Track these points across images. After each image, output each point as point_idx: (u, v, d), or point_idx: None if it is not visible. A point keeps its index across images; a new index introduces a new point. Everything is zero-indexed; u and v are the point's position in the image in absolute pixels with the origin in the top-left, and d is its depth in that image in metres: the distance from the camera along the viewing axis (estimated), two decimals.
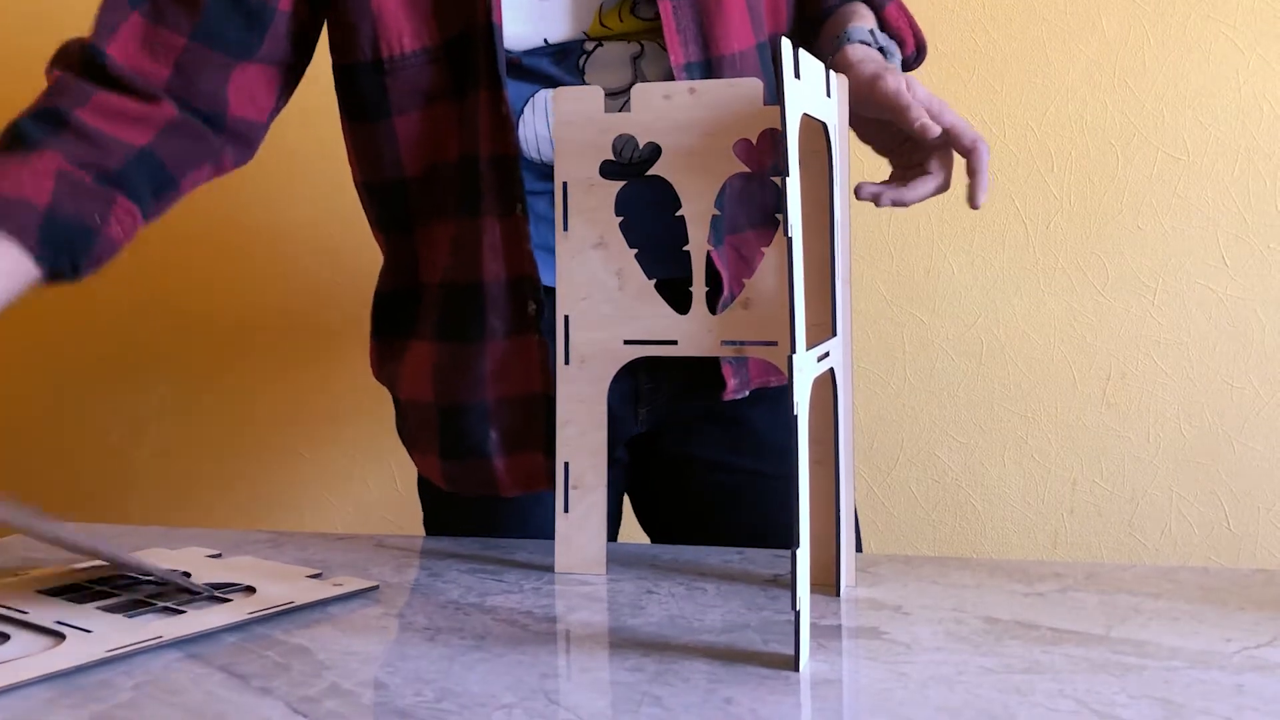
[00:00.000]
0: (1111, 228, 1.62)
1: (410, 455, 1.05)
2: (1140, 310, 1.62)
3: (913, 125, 0.86)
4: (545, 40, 0.91)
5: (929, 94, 0.88)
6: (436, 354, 0.95)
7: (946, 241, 1.65)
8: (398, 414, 1.05)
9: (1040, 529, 1.67)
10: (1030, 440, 1.66)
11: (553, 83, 0.92)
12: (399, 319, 0.99)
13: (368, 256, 1.06)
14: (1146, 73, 1.60)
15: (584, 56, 0.92)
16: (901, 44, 0.99)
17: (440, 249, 0.94)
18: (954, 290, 1.66)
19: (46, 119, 0.87)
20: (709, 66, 0.92)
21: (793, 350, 0.64)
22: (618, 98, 0.91)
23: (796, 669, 0.64)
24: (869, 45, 0.93)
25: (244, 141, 0.96)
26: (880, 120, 0.89)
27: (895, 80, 0.87)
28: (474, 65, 0.90)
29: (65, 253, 0.85)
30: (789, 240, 0.64)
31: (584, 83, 0.92)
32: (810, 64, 0.71)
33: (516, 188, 0.90)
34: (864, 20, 0.97)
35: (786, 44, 0.65)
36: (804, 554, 0.64)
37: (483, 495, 0.98)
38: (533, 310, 0.92)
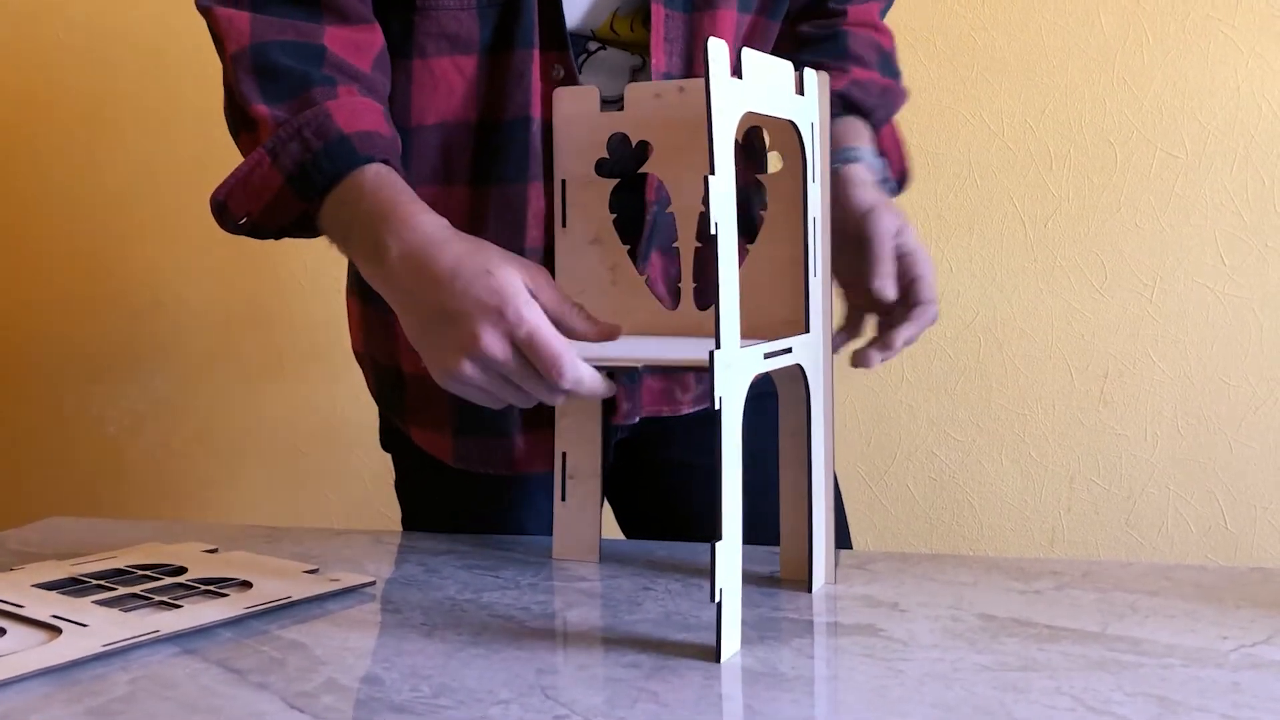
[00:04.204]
0: (1110, 226, 1.62)
1: (404, 429, 1.01)
2: (1138, 308, 1.62)
3: (872, 279, 0.84)
4: None
5: (916, 244, 0.86)
6: None
7: (945, 239, 1.65)
8: (388, 386, 1.00)
9: (1037, 527, 1.67)
10: (1028, 438, 1.66)
11: None
12: None
13: None
14: (1145, 71, 1.60)
15: (585, 56, 0.92)
16: (887, 168, 0.96)
17: (452, 215, 0.88)
18: (952, 288, 1.66)
19: (308, 57, 0.83)
20: None
21: (717, 345, 0.64)
22: (609, 106, 0.91)
23: (717, 660, 0.64)
24: (873, 171, 0.90)
25: None
26: (852, 247, 0.87)
27: (888, 222, 0.85)
28: (519, 24, 0.87)
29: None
30: (714, 238, 0.63)
31: (579, 83, 0.92)
32: (770, 64, 0.71)
33: None
34: (865, 141, 0.93)
35: (717, 44, 0.63)
36: (726, 548, 0.64)
37: (495, 474, 0.97)
38: None
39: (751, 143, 0.96)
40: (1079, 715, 0.56)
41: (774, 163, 0.84)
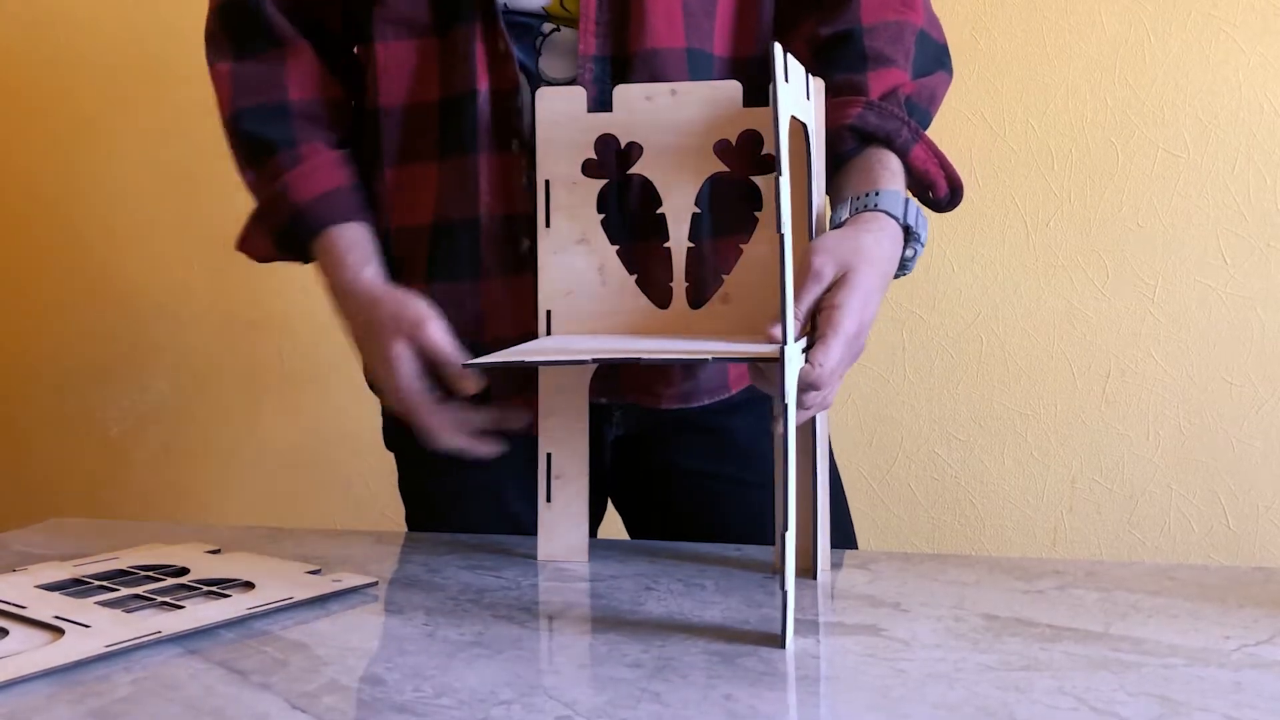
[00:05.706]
0: (1111, 225, 1.62)
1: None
2: (1140, 308, 1.62)
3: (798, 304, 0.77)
4: (505, 4, 0.91)
5: (859, 323, 0.77)
6: (428, 296, 0.93)
7: (947, 239, 1.65)
8: None
9: (1040, 526, 1.67)
10: (1030, 438, 1.66)
11: None
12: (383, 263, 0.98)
13: None
14: (1147, 70, 1.60)
15: (540, 39, 0.93)
16: (932, 187, 0.90)
17: (423, 190, 0.95)
18: (954, 287, 1.66)
19: (274, 118, 0.97)
20: (618, 63, 0.90)
21: (783, 342, 0.67)
22: (573, 85, 0.91)
23: (783, 646, 0.66)
24: (895, 219, 0.84)
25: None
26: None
27: (850, 289, 0.77)
28: (459, 2, 0.91)
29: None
30: (780, 237, 0.65)
31: (537, 65, 0.92)
32: (793, 66, 0.73)
33: (513, 121, 0.91)
34: (884, 181, 0.86)
35: (778, 48, 0.67)
36: (793, 537, 0.67)
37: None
38: (526, 247, 0.92)
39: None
40: (1081, 715, 0.56)
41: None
